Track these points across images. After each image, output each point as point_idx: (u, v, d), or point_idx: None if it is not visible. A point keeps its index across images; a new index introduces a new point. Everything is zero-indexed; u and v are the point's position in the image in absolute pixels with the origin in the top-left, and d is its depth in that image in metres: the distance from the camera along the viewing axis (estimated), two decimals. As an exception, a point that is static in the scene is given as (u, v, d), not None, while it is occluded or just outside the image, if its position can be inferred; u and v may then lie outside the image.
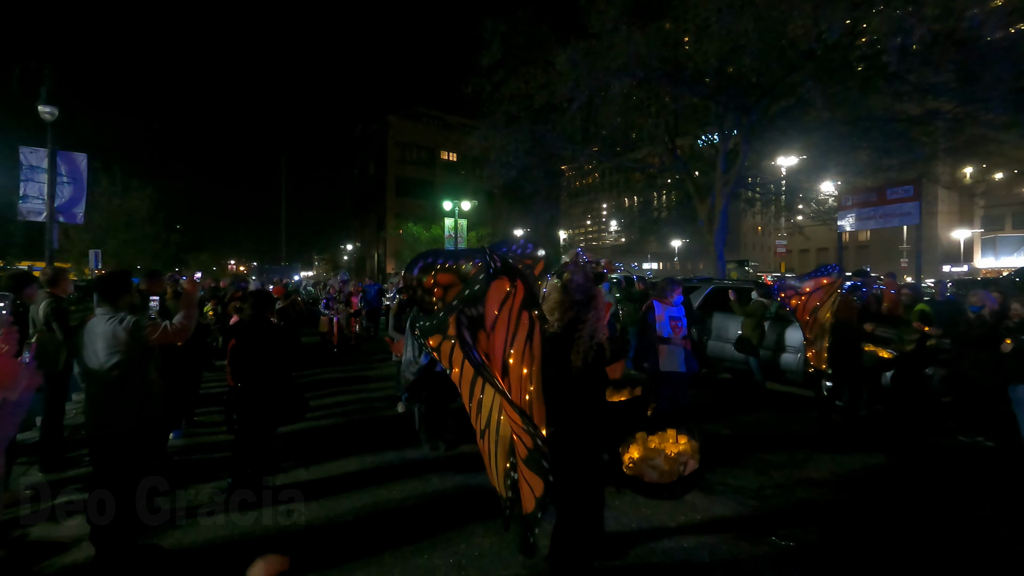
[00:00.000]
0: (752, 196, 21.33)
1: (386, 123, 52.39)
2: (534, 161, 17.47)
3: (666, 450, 2.61)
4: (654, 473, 2.53)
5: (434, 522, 3.79)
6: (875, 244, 44.17)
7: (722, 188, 16.11)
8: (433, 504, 4.10)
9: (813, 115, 14.43)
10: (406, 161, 53.62)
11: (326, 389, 7.99)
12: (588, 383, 2.56)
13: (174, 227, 37.52)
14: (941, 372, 6.79)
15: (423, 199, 48.84)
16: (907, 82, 13.06)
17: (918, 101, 14.40)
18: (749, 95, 14.37)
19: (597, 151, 18.67)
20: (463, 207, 29.85)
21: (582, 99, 14.40)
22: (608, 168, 23.83)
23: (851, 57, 12.71)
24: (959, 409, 6.15)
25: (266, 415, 4.28)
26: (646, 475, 2.54)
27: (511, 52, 15.23)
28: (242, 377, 4.27)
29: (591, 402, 2.60)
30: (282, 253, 49.42)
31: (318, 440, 5.65)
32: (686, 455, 2.59)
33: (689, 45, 13.57)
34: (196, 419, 6.14)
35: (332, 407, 7.00)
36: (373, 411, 6.88)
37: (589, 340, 2.53)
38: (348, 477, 4.58)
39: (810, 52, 12.20)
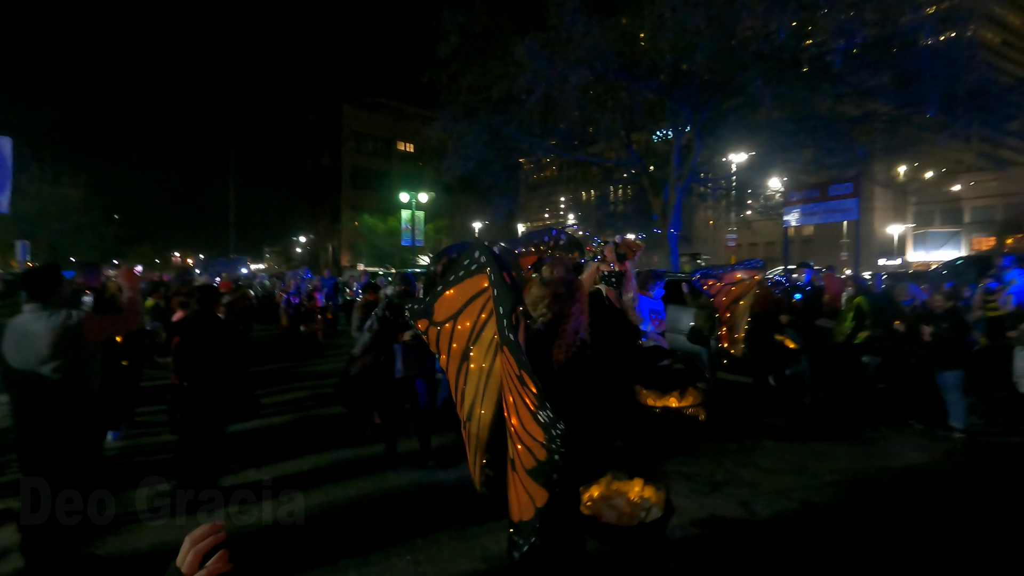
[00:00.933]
0: (704, 191, 21.95)
1: (340, 112, 51.07)
2: (492, 153, 17.42)
3: (629, 494, 2.46)
4: (612, 514, 2.36)
5: (392, 520, 3.74)
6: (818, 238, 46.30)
7: (676, 183, 16.51)
8: (391, 501, 4.04)
9: (762, 114, 14.97)
10: (362, 151, 52.47)
11: (279, 385, 7.76)
12: (573, 379, 2.45)
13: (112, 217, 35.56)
14: (876, 360, 7.20)
15: (379, 190, 47.96)
16: (848, 84, 13.71)
17: (857, 103, 15.16)
18: (701, 93, 14.75)
19: (555, 144, 18.79)
20: (420, 199, 29.51)
21: (540, 91, 14.44)
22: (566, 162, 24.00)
23: (797, 58, 13.22)
24: (894, 395, 6.52)
25: (214, 414, 4.11)
26: (604, 515, 2.36)
27: (469, 43, 15.10)
28: (188, 375, 4.09)
29: (577, 399, 2.46)
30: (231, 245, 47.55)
31: (270, 438, 5.48)
32: (650, 503, 2.43)
33: (645, 41, 13.82)
34: (137, 419, 5.84)
35: (285, 404, 6.81)
36: (329, 407, 6.72)
37: (573, 335, 2.43)
38: (302, 476, 4.44)
39: (759, 52, 12.62)
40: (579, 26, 13.11)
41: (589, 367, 2.49)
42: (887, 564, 3.20)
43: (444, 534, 3.50)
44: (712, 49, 12.39)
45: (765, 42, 12.31)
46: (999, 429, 5.66)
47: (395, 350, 4.62)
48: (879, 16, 11.45)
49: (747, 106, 15.20)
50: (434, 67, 15.62)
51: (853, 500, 4.07)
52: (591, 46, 12.82)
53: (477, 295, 2.19)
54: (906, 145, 16.99)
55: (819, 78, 13.33)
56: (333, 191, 51.84)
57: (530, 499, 2.03)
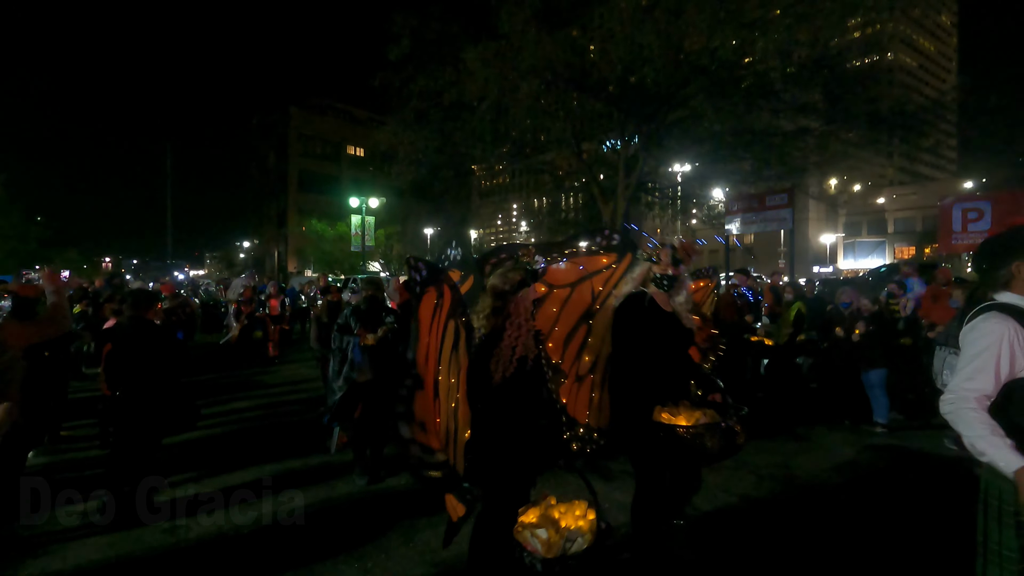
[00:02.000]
0: (651, 200, 22.62)
1: (287, 114, 49.67)
2: (444, 159, 17.38)
3: (561, 521, 2.27)
4: (536, 543, 2.19)
5: (341, 529, 3.66)
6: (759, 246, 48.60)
7: (624, 192, 16.94)
8: (340, 511, 3.95)
9: (704, 126, 15.61)
10: (310, 155, 51.15)
11: (221, 395, 7.45)
12: (509, 399, 2.37)
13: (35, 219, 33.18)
14: (810, 361, 7.63)
15: (328, 195, 46.86)
16: (782, 101, 14.51)
17: (792, 119, 16.06)
18: (648, 105, 15.24)
19: (507, 152, 18.92)
20: (371, 204, 29.03)
21: (492, 99, 14.53)
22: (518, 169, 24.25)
23: (737, 75, 13.90)
24: (825, 394, 6.92)
25: (148, 426, 3.91)
26: (528, 544, 2.20)
27: (421, 47, 15.04)
28: (119, 385, 3.88)
29: (513, 419, 2.40)
30: (168, 250, 45.20)
31: (212, 450, 5.25)
32: (579, 532, 2.23)
33: (595, 54, 14.18)
34: (62, 434, 5.48)
35: (228, 414, 6.54)
36: (275, 417, 6.51)
37: (509, 352, 2.35)
38: (245, 488, 4.25)
39: (702, 67, 13.19)
40: (531, 36, 13.31)
41: (529, 384, 2.44)
42: (823, 551, 3.39)
43: (393, 540, 3.46)
44: (659, 63, 12.86)
45: (710, 58, 12.89)
46: (918, 423, 6.09)
47: (357, 356, 4.40)
48: (811, 37, 12.22)
49: (691, 119, 15.81)
50: (385, 71, 15.46)
51: (790, 493, 4.29)
52: (542, 56, 13.04)
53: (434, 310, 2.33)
54: (835, 160, 18.12)
55: (757, 94, 14.06)
56: (279, 195, 50.27)
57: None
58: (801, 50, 12.21)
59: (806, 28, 12.10)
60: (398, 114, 16.27)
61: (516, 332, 2.37)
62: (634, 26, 12.49)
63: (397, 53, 14.86)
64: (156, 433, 4.06)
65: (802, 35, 12.24)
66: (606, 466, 4.70)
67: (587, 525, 2.24)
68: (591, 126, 17.98)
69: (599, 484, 4.35)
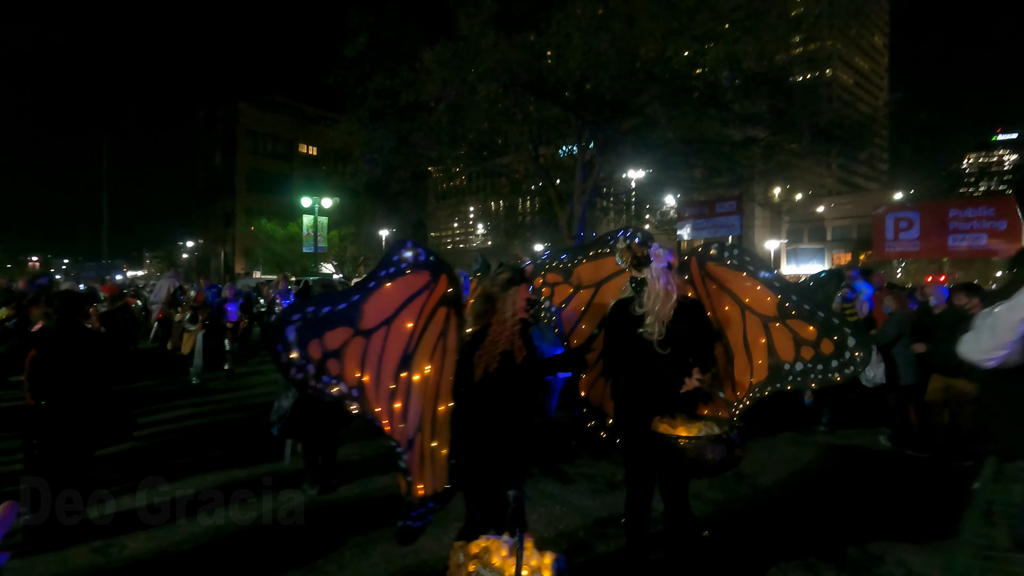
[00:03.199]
0: (606, 205, 23.05)
1: (236, 109, 47.89)
2: (400, 160, 17.13)
3: (493, 559, 2.11)
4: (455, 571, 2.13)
5: (291, 542, 3.51)
6: (707, 252, 50.48)
7: (580, 197, 17.17)
8: (289, 523, 3.78)
9: (658, 134, 16.02)
10: (259, 152, 49.49)
11: (159, 403, 7.05)
12: (493, 391, 2.46)
13: (-49, 215, 30.63)
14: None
15: (279, 194, 45.47)
16: (732, 111, 15.06)
17: (740, 129, 16.69)
18: (604, 111, 15.51)
19: (464, 154, 18.86)
20: (324, 204, 28.34)
21: (449, 100, 14.44)
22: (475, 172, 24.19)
23: (689, 84, 14.33)
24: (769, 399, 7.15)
25: (77, 437, 3.63)
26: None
27: (378, 45, 14.78)
28: (45, 394, 3.60)
29: (494, 417, 2.47)
30: (103, 249, 42.69)
31: (149, 461, 4.95)
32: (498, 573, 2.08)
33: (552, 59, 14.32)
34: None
35: (166, 423, 6.19)
36: (217, 425, 6.21)
37: (492, 347, 2.46)
38: (186, 501, 4.00)
39: (657, 76, 13.53)
40: (489, 38, 13.31)
41: (511, 382, 2.49)
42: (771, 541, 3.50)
43: (347, 552, 3.34)
44: (615, 70, 13.11)
45: (663, 66, 13.24)
46: (856, 423, 6.37)
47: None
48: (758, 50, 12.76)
49: (645, 126, 16.20)
50: (340, 68, 15.09)
51: (739, 491, 4.42)
52: (500, 59, 13.06)
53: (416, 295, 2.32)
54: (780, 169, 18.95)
55: (707, 103, 14.54)
56: (226, 193, 48.38)
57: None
58: (749, 61, 12.72)
59: (754, 41, 12.61)
60: (353, 113, 15.91)
61: (500, 328, 2.48)
62: (590, 33, 12.69)
63: (353, 50, 14.55)
64: (86, 445, 3.79)
65: (750, 48, 12.75)
66: (563, 470, 4.72)
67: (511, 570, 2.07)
68: (548, 131, 18.16)
69: (556, 488, 4.37)
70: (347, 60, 14.86)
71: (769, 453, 5.35)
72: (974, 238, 14.61)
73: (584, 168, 17.18)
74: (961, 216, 14.84)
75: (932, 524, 3.60)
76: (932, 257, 21.06)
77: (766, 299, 2.75)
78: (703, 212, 18.72)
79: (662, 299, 2.58)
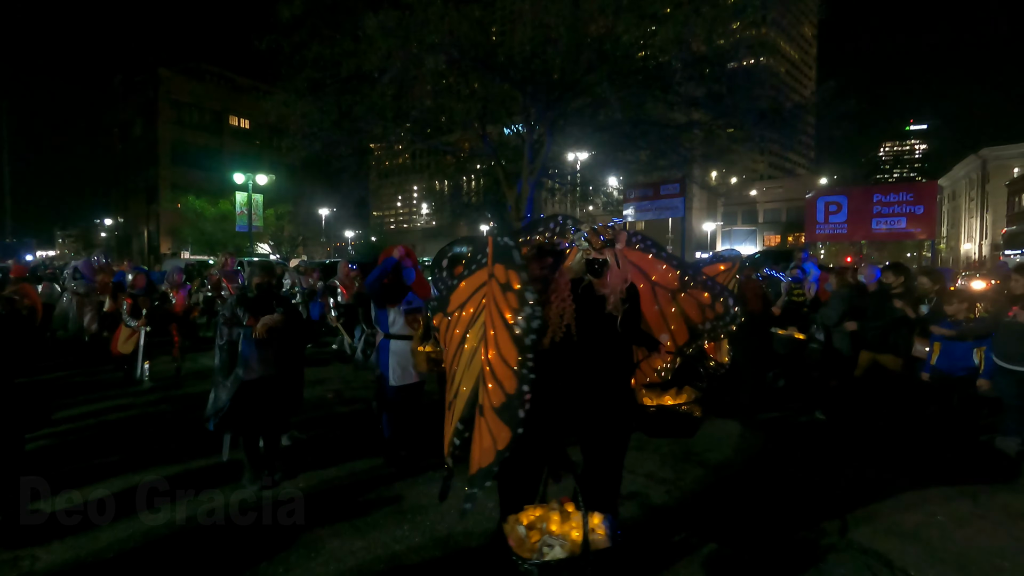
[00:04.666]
0: (554, 186, 23.01)
1: (156, 76, 44.33)
2: (341, 135, 16.31)
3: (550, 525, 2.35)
4: (514, 540, 2.27)
5: (230, 543, 3.25)
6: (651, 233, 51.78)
7: (528, 177, 17.02)
8: (228, 522, 3.49)
9: (605, 114, 16.04)
10: (185, 124, 46.16)
11: (77, 395, 6.45)
12: (556, 363, 2.58)
13: None
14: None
15: (208, 169, 42.71)
16: (677, 94, 15.25)
17: (684, 112, 16.97)
18: (552, 90, 15.34)
19: (409, 130, 18.23)
20: (258, 180, 26.86)
21: (393, 72, 13.82)
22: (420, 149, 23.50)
23: (637, 65, 14.38)
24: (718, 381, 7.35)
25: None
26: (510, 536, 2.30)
27: (316, 10, 13.88)
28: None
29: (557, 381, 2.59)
30: (6, 226, 38.86)
31: (65, 459, 4.49)
32: (560, 539, 2.24)
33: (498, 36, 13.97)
34: None
35: (84, 417, 5.66)
36: (145, 418, 5.74)
37: (558, 319, 2.61)
38: (109, 502, 3.59)
39: (605, 54, 13.47)
40: (436, 7, 12.79)
41: (573, 353, 2.63)
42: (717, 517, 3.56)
43: (293, 554, 3.11)
44: (565, 46, 12.94)
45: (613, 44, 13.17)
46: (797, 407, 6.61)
47: (246, 350, 3.80)
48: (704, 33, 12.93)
49: (593, 106, 16.17)
50: (274, 33, 14.08)
51: (687, 469, 4.49)
52: (447, 31, 12.60)
53: (480, 286, 2.48)
54: (719, 153, 19.50)
55: (655, 85, 14.65)
56: (148, 167, 44.94)
57: (493, 443, 2.13)
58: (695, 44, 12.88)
59: (701, 22, 12.75)
60: (289, 83, 14.94)
61: (561, 301, 2.65)
62: (540, 7, 12.45)
63: (288, 14, 13.61)
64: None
65: (698, 29, 12.90)
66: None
67: (577, 535, 2.25)
68: (496, 108, 17.82)
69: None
70: (282, 25, 13.89)
71: (717, 430, 5.49)
72: (895, 221, 15.70)
73: (532, 147, 17.01)
74: (884, 201, 15.88)
75: (866, 488, 3.78)
76: (858, 240, 22.44)
77: (669, 275, 3.19)
78: (648, 194, 19.06)
79: (620, 279, 2.73)
